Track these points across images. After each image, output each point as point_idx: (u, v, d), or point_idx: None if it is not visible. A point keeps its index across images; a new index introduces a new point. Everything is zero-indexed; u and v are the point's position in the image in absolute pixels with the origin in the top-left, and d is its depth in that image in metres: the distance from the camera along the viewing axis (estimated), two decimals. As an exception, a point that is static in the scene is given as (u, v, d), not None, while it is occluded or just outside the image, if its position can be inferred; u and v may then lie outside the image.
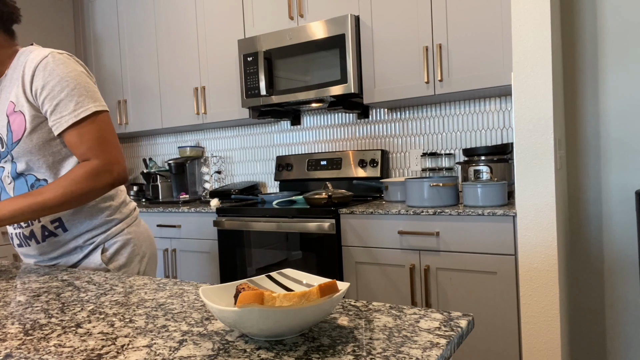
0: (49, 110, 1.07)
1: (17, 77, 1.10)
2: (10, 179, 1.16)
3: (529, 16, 1.77)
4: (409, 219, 2.07)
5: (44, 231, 1.18)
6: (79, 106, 1.07)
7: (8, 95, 1.11)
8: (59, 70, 1.07)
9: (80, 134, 1.08)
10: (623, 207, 2.07)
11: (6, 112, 1.11)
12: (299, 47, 2.56)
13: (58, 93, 1.06)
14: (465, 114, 2.57)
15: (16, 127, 1.09)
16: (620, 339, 2.09)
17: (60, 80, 1.06)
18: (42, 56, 1.08)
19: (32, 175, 1.14)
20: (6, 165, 1.16)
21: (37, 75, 1.06)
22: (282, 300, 0.58)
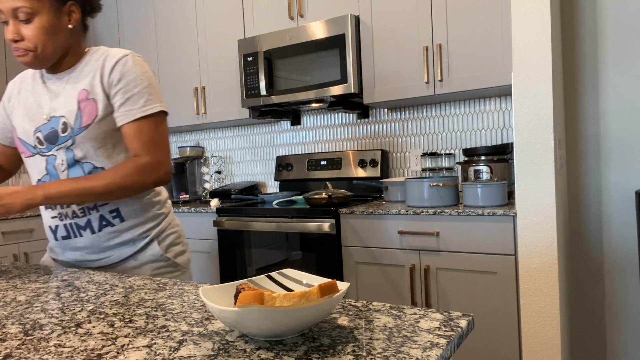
0: (119, 101, 1.14)
1: (93, 69, 1.17)
2: (65, 166, 1.17)
3: (529, 16, 1.77)
4: (409, 219, 2.07)
5: (102, 221, 1.20)
6: (148, 103, 1.15)
7: (77, 84, 1.17)
8: (136, 69, 1.16)
9: (140, 128, 1.15)
10: (623, 207, 2.07)
11: (77, 99, 1.15)
12: (299, 47, 2.56)
13: (132, 88, 1.15)
14: (465, 114, 2.57)
15: (87, 113, 1.14)
16: (620, 338, 2.09)
17: (136, 77, 1.15)
18: (124, 53, 1.17)
19: (90, 163, 1.17)
20: (58, 154, 1.17)
21: (117, 68, 1.15)
22: (282, 300, 0.58)
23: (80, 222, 1.20)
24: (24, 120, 1.21)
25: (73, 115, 1.15)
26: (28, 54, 1.12)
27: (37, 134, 1.19)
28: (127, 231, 1.23)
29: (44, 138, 1.18)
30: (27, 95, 1.24)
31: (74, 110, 1.15)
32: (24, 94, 1.25)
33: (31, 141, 1.21)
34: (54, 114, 1.18)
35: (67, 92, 1.18)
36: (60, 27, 1.14)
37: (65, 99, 1.17)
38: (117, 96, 1.15)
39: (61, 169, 1.18)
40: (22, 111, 1.23)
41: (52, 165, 1.18)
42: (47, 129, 1.18)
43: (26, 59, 1.13)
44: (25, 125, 1.21)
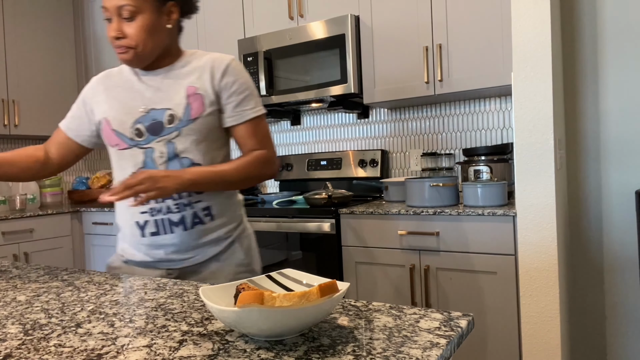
0: (234, 102, 1.21)
1: (199, 69, 1.21)
2: (164, 159, 1.18)
3: (529, 16, 1.77)
4: (409, 219, 2.07)
5: (195, 218, 1.21)
6: (257, 105, 1.24)
7: (182, 81, 1.21)
8: (244, 73, 1.25)
9: (255, 128, 1.24)
10: (623, 207, 2.07)
11: (186, 93, 1.19)
12: (299, 47, 2.56)
13: (244, 90, 1.22)
14: (465, 114, 2.57)
15: (195, 107, 1.18)
16: (620, 338, 2.09)
17: (245, 80, 1.23)
18: (231, 58, 1.24)
19: (188, 159, 1.19)
20: (157, 146, 1.18)
21: (230, 71, 1.21)
22: (282, 300, 0.58)
23: (174, 217, 1.20)
24: (119, 113, 1.22)
25: (181, 108, 1.18)
26: (129, 51, 1.15)
27: (137, 125, 1.20)
28: (214, 230, 1.24)
29: (145, 129, 1.19)
30: (118, 91, 1.25)
31: (182, 104, 1.18)
32: (114, 90, 1.25)
33: (128, 133, 1.20)
34: (153, 106, 1.20)
35: (169, 87, 1.21)
36: (160, 27, 1.17)
37: (168, 93, 1.20)
38: (232, 97, 1.21)
39: (159, 161, 1.19)
40: (115, 105, 1.23)
41: (150, 158, 1.19)
42: (148, 120, 1.19)
43: (127, 56, 1.15)
44: (121, 117, 1.21)
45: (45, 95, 3.46)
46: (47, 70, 3.48)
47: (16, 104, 3.26)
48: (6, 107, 3.21)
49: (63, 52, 3.59)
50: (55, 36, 3.54)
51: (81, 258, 3.30)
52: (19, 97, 3.29)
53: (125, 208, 1.24)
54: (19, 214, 2.94)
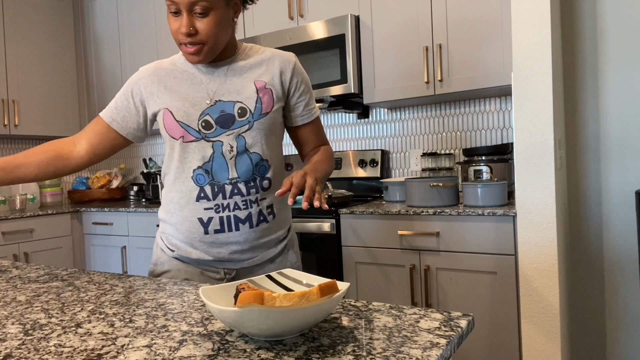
0: (304, 101, 1.25)
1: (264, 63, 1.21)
2: (234, 153, 1.15)
3: (529, 16, 1.77)
4: (409, 219, 2.07)
5: (260, 216, 1.18)
6: (315, 104, 1.30)
7: (249, 74, 1.20)
8: (305, 72, 1.28)
9: (318, 125, 1.31)
10: (623, 207, 2.07)
11: (256, 87, 1.18)
12: (299, 47, 2.56)
13: (309, 89, 1.27)
14: (465, 114, 2.57)
15: (266, 101, 1.18)
16: (620, 338, 2.09)
17: (309, 81, 1.28)
18: (295, 56, 1.25)
19: (257, 154, 1.17)
20: (227, 139, 1.15)
21: (298, 70, 1.23)
22: (282, 300, 0.58)
23: (241, 214, 1.16)
24: (183, 104, 1.16)
25: (252, 102, 1.17)
26: (201, 47, 1.11)
27: (205, 117, 1.15)
28: (275, 230, 1.23)
29: (214, 121, 1.15)
30: (177, 82, 1.19)
31: (253, 97, 1.17)
32: (172, 81, 1.19)
33: (195, 125, 1.15)
34: (220, 98, 1.16)
35: (235, 80, 1.18)
36: (228, 21, 1.14)
37: (235, 86, 1.18)
38: (302, 96, 1.24)
39: (229, 155, 1.15)
40: (177, 96, 1.17)
41: (219, 151, 1.15)
42: (217, 112, 1.15)
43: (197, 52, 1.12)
44: (186, 109, 1.16)
45: (45, 95, 3.46)
46: (47, 70, 3.48)
47: (16, 104, 3.26)
48: (6, 107, 3.21)
49: (63, 52, 3.59)
50: (55, 36, 3.54)
51: (81, 258, 3.30)
52: (19, 97, 3.29)
53: (185, 203, 1.18)
54: (19, 214, 2.94)
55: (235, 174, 1.15)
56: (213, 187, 1.16)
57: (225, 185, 1.15)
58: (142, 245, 2.99)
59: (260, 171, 1.18)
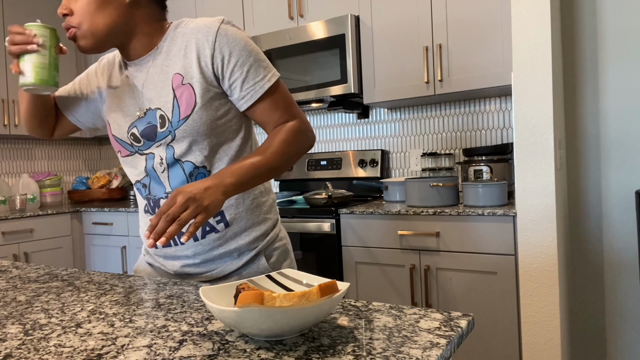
0: (240, 78, 0.98)
1: (183, 47, 1.00)
2: (164, 167, 1.03)
3: (529, 16, 1.77)
4: (409, 219, 2.07)
5: (205, 226, 1.04)
6: (267, 71, 1.00)
7: (168, 69, 1.01)
8: (239, 36, 0.98)
9: (274, 99, 1.01)
10: (623, 207, 2.07)
11: (172, 86, 1.00)
12: (299, 47, 2.56)
13: (246, 59, 0.98)
14: (465, 114, 2.57)
15: (185, 102, 0.99)
16: (620, 339, 2.09)
17: (244, 46, 0.98)
18: (218, 21, 0.99)
19: (190, 163, 1.02)
20: (157, 151, 1.03)
21: (221, 41, 0.97)
22: (282, 300, 0.58)
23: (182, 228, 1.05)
24: (117, 116, 1.07)
25: (169, 106, 1.00)
26: (74, 32, 0.96)
27: (132, 129, 1.04)
28: (232, 239, 1.06)
29: (140, 134, 1.03)
30: (115, 84, 1.08)
31: (169, 100, 1.00)
32: (114, 82, 1.09)
33: (126, 138, 1.06)
34: (149, 105, 1.02)
35: (156, 79, 1.02)
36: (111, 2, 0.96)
37: (156, 87, 1.01)
38: (235, 74, 0.98)
39: (160, 169, 1.04)
40: (114, 104, 1.07)
41: (151, 165, 1.04)
42: (144, 124, 1.03)
43: (74, 40, 0.98)
44: (119, 121, 1.06)
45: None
46: (47, 70, 3.48)
47: (16, 104, 3.26)
48: (6, 107, 3.21)
49: (63, 52, 3.59)
50: (55, 36, 3.54)
51: (81, 258, 3.30)
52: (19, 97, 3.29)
53: (140, 214, 1.12)
54: (19, 214, 2.94)
55: (170, 187, 1.04)
56: (149, 201, 1.08)
57: (160, 200, 1.06)
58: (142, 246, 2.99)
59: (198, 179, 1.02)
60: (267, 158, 0.97)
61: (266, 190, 1.13)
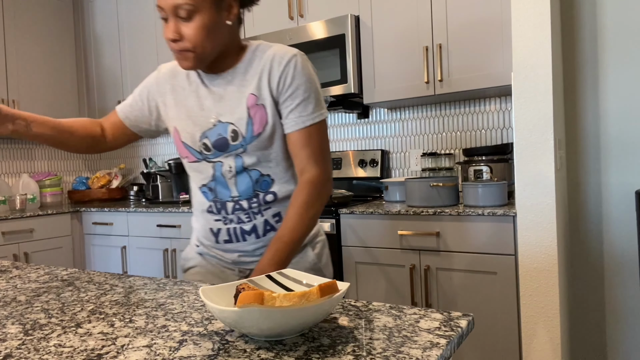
0: (290, 107, 1.09)
1: (259, 70, 1.10)
2: (232, 173, 1.13)
3: (529, 16, 1.77)
4: (409, 219, 2.07)
5: (266, 225, 1.17)
6: (317, 110, 1.10)
7: (244, 88, 1.10)
8: (306, 71, 1.09)
9: (310, 136, 1.10)
10: (623, 207, 2.07)
11: (246, 105, 1.09)
12: (298, 47, 2.56)
13: (302, 93, 1.09)
14: (465, 114, 2.57)
15: (258, 120, 1.09)
16: (620, 338, 2.09)
17: (306, 80, 1.09)
18: (292, 54, 1.09)
19: (257, 171, 1.13)
20: (226, 160, 1.13)
21: (287, 71, 1.08)
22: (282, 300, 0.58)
23: (246, 227, 1.16)
24: (187, 124, 1.15)
25: (244, 123, 1.10)
26: (188, 54, 1.05)
27: (204, 140, 1.13)
28: None
29: (212, 145, 1.13)
30: (185, 95, 1.16)
31: (244, 118, 1.09)
32: (181, 93, 1.17)
33: (197, 147, 1.15)
34: (220, 118, 1.11)
35: (232, 96, 1.11)
36: (219, 24, 1.05)
37: (231, 103, 1.11)
38: (288, 102, 1.09)
39: (229, 175, 1.14)
40: (183, 113, 1.16)
41: (219, 172, 1.14)
42: (215, 135, 1.12)
43: (185, 60, 1.06)
44: (189, 129, 1.14)
45: (45, 95, 3.46)
46: (47, 70, 3.48)
47: (16, 104, 3.26)
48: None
49: (63, 52, 3.59)
50: (55, 36, 3.54)
51: (81, 258, 3.30)
52: (19, 97, 3.29)
53: (200, 213, 1.22)
54: (19, 214, 2.94)
55: (236, 192, 1.15)
56: (216, 203, 1.17)
57: (227, 202, 1.15)
58: (142, 245, 2.99)
59: (263, 186, 1.15)
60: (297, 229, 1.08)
61: None
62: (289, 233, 1.07)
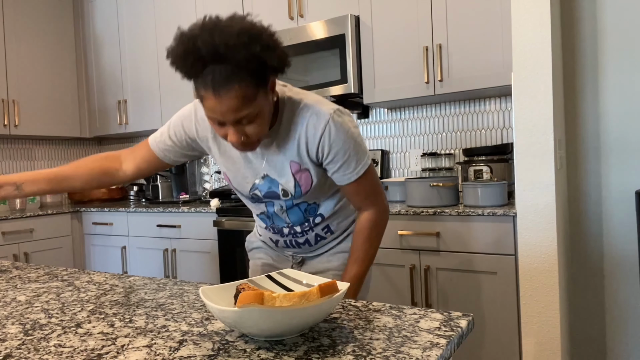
0: (333, 169, 1.16)
1: (296, 139, 1.13)
2: (284, 210, 1.25)
3: (529, 16, 1.77)
4: (409, 219, 2.07)
5: (317, 237, 1.30)
6: (359, 164, 1.16)
7: (286, 153, 1.15)
8: (341, 135, 1.12)
9: (358, 187, 1.18)
10: (623, 207, 2.07)
11: (291, 171, 1.17)
12: (299, 47, 2.56)
13: (342, 157, 1.13)
14: (465, 114, 2.57)
15: (304, 182, 1.18)
16: (620, 338, 2.09)
17: (342, 145, 1.12)
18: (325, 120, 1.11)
19: (305, 203, 1.24)
20: (277, 202, 1.23)
21: (324, 142, 1.12)
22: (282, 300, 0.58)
23: (300, 240, 1.30)
24: (236, 175, 1.22)
25: (291, 186, 1.18)
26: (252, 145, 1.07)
27: (255, 191, 1.23)
28: (335, 239, 1.34)
29: (263, 195, 1.23)
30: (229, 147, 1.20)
31: (291, 181, 1.18)
32: (224, 143, 1.20)
33: (248, 194, 1.24)
34: (267, 173, 1.19)
35: (275, 158, 1.17)
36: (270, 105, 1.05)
37: (276, 165, 1.17)
38: (330, 165, 1.15)
39: (280, 212, 1.25)
40: (230, 163, 1.21)
41: (272, 209, 1.26)
42: (265, 188, 1.21)
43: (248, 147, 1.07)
44: (238, 180, 1.23)
45: (45, 95, 3.46)
46: (47, 70, 3.48)
47: (16, 104, 3.26)
48: (6, 107, 3.21)
49: (63, 52, 3.59)
50: (55, 36, 3.54)
51: (81, 258, 3.30)
52: (19, 97, 3.29)
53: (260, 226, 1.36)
54: (19, 214, 2.94)
55: (289, 221, 1.26)
56: (273, 228, 1.31)
57: (282, 228, 1.29)
58: (142, 245, 2.99)
59: (311, 212, 1.25)
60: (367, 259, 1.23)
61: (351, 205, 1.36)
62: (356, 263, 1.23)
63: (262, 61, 0.94)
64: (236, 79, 0.93)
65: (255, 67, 0.94)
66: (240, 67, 0.92)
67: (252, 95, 0.96)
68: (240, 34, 0.92)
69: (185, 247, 2.81)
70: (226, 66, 0.92)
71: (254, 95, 0.96)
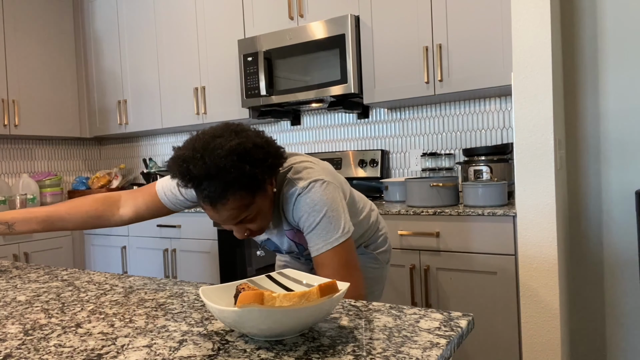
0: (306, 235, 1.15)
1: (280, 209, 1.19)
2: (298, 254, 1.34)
3: (529, 16, 1.77)
4: (409, 219, 2.07)
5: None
6: (330, 235, 1.12)
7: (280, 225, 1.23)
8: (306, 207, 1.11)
9: (329, 258, 1.13)
10: (623, 207, 2.07)
11: (289, 238, 1.25)
12: (299, 47, 2.56)
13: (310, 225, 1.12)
14: (465, 114, 2.57)
15: (304, 241, 1.23)
16: (620, 338, 2.09)
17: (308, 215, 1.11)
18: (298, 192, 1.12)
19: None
20: None
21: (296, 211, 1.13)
22: (282, 300, 0.58)
23: (302, 259, 1.41)
24: None
25: (293, 246, 1.27)
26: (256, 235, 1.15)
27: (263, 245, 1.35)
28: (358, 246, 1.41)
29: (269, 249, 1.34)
30: None
31: (292, 245, 1.27)
32: None
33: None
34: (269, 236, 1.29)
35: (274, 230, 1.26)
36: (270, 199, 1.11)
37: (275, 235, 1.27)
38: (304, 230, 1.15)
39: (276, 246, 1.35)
40: None
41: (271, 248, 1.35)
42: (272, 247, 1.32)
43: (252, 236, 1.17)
44: None
45: (45, 95, 3.46)
46: (47, 70, 3.48)
47: (16, 104, 3.26)
48: (6, 107, 3.21)
49: (63, 52, 3.59)
50: (55, 36, 3.54)
51: (81, 258, 3.30)
52: (19, 97, 3.29)
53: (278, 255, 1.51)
54: (19, 214, 2.93)
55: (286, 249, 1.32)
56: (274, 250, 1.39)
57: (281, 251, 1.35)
58: (142, 246, 2.99)
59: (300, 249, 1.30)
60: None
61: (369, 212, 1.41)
62: None
63: (254, 176, 0.99)
64: (230, 192, 0.98)
65: (247, 181, 0.99)
66: (233, 184, 0.98)
67: (249, 202, 1.03)
68: (229, 155, 0.96)
69: (185, 247, 2.81)
70: (219, 182, 0.97)
71: (251, 202, 1.03)
